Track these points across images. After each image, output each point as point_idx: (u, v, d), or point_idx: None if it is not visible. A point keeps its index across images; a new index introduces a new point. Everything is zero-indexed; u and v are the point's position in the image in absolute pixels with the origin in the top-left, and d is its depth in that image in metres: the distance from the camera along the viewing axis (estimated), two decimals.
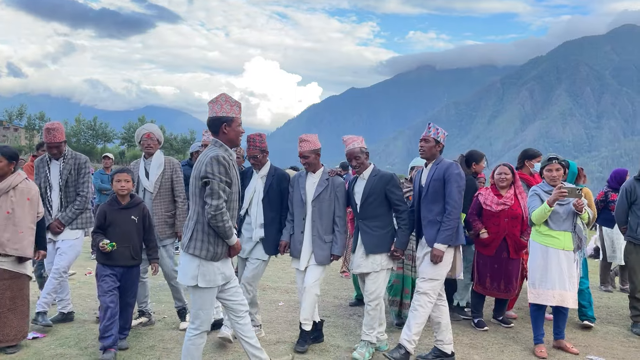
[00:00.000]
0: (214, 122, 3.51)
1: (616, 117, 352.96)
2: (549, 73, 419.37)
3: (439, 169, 4.25)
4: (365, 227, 4.41)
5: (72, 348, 4.37)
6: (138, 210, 4.44)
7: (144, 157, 5.08)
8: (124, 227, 4.35)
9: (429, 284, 4.19)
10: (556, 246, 4.59)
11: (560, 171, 4.70)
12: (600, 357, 4.61)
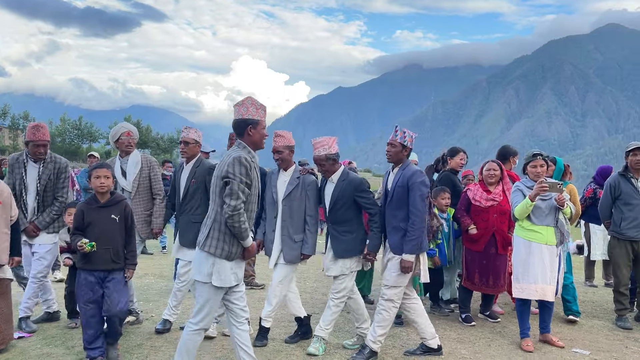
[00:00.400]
0: (239, 124, 3.55)
1: (600, 115, 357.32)
2: (534, 72, 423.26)
3: (404, 175, 4.23)
4: (334, 231, 4.43)
5: (59, 347, 4.33)
6: (119, 209, 4.07)
7: (120, 156, 4.99)
8: (104, 227, 3.99)
9: (392, 291, 4.24)
10: (539, 241, 4.64)
11: (544, 167, 4.74)
12: (585, 350, 4.68)
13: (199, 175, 4.78)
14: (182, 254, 4.83)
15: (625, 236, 5.53)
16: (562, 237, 4.68)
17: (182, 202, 4.83)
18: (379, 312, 4.29)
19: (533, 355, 4.53)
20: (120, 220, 4.06)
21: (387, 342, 4.66)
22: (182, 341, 3.55)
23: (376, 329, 4.27)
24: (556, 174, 5.72)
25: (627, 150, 5.64)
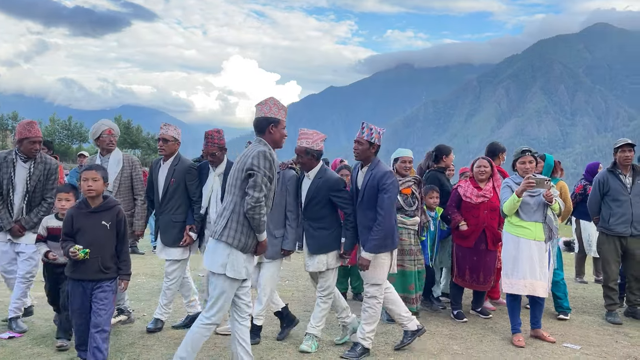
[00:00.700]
0: (261, 122, 3.63)
1: (589, 114, 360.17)
2: (524, 71, 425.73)
3: (374, 175, 4.24)
4: (309, 227, 4.42)
5: (49, 347, 4.30)
6: (111, 215, 3.76)
7: (101, 154, 4.91)
8: (93, 233, 3.69)
9: (374, 288, 4.32)
10: (527, 236, 4.68)
11: (533, 163, 4.79)
12: (576, 345, 4.73)
13: (179, 173, 4.73)
14: (166, 254, 4.78)
15: (614, 232, 5.59)
16: (551, 233, 4.71)
17: (162, 202, 4.78)
18: (364, 309, 4.34)
19: (524, 351, 4.56)
20: (112, 227, 3.75)
21: (379, 339, 4.69)
22: (189, 334, 3.56)
23: (364, 326, 4.32)
24: (545, 170, 5.77)
25: (616, 147, 5.71)
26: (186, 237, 4.70)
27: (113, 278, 3.79)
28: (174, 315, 5.20)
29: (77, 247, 3.59)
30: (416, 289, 5.25)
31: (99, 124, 4.92)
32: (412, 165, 5.39)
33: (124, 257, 3.85)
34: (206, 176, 4.75)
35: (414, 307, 5.24)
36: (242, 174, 3.51)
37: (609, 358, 4.46)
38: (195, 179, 4.77)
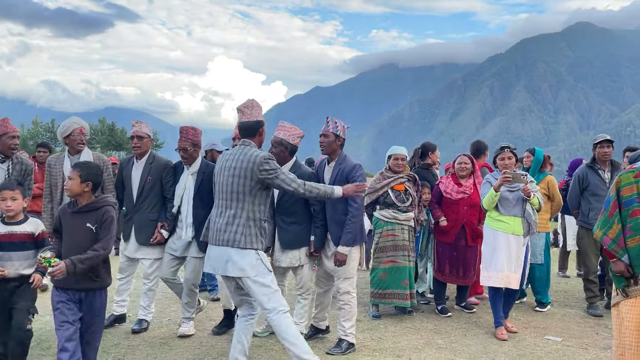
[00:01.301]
0: (252, 126, 3.69)
1: (572, 112, 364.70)
2: (508, 70, 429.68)
3: (342, 170, 4.30)
4: (281, 222, 4.43)
5: (34, 349, 4.23)
6: (96, 216, 3.35)
7: (69, 153, 4.76)
8: (76, 236, 3.32)
9: (347, 283, 4.35)
10: (506, 230, 4.79)
11: (512, 159, 4.90)
12: (558, 337, 4.82)
13: (155, 171, 4.68)
14: (144, 253, 4.73)
15: (593, 226, 5.81)
16: (530, 227, 4.81)
17: (137, 200, 4.72)
18: (340, 307, 4.36)
19: (507, 344, 4.64)
20: (97, 230, 3.34)
21: (364, 335, 4.75)
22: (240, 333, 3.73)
23: (344, 323, 4.34)
24: (534, 164, 5.85)
25: (595, 142, 5.82)
26: (157, 235, 4.64)
27: (102, 288, 3.43)
28: (160, 315, 5.21)
29: (43, 255, 3.19)
30: (410, 285, 5.32)
31: (70, 122, 4.77)
32: (405, 162, 5.52)
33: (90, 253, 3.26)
34: (179, 175, 4.72)
35: (408, 303, 5.29)
36: (251, 181, 3.54)
37: (589, 349, 4.54)
38: (171, 177, 4.73)
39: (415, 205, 5.43)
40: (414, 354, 4.34)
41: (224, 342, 4.52)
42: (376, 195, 5.37)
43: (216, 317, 5.08)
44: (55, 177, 4.71)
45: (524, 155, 6.28)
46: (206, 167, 4.64)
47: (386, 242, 5.28)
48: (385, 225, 5.28)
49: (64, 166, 4.68)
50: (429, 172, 6.11)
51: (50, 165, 4.78)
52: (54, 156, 4.85)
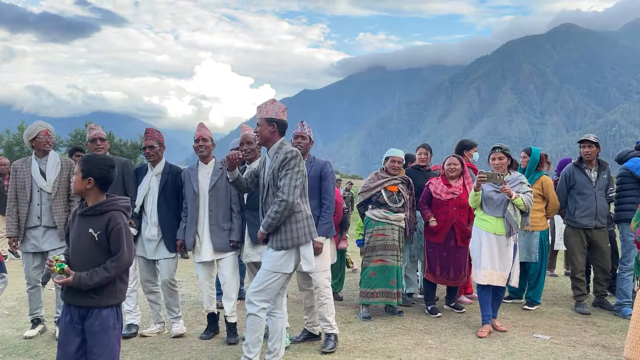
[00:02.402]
0: (285, 125, 3.88)
1: (558, 112, 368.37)
2: (495, 72, 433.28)
3: (315, 167, 4.54)
4: (251, 217, 4.48)
5: (22, 356, 4.23)
6: (100, 222, 2.83)
7: (36, 155, 4.82)
8: (79, 243, 2.86)
9: (324, 276, 4.49)
10: (488, 230, 4.90)
11: (504, 160, 4.95)
12: (546, 335, 4.86)
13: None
14: None
15: (579, 224, 5.74)
16: (510, 228, 4.86)
17: None
18: (322, 303, 4.44)
19: (496, 342, 4.67)
20: (100, 238, 2.83)
21: (355, 337, 4.78)
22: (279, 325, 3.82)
23: (328, 318, 4.44)
24: (531, 164, 5.90)
25: (578, 142, 5.93)
26: None
27: (108, 306, 2.86)
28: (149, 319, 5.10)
29: (55, 256, 2.78)
30: (398, 284, 5.38)
31: (36, 125, 4.86)
32: (402, 165, 5.60)
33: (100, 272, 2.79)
34: (142, 177, 4.82)
35: (395, 302, 5.38)
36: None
37: (577, 347, 4.58)
38: (132, 174, 4.85)
39: (408, 208, 5.52)
40: (404, 354, 4.36)
41: (214, 346, 4.51)
42: (369, 195, 5.45)
43: (206, 322, 4.99)
44: (22, 180, 4.76)
45: (521, 155, 6.31)
46: (170, 169, 4.78)
47: (376, 242, 5.35)
48: (376, 225, 5.37)
49: (31, 169, 4.75)
50: (419, 173, 6.15)
51: (16, 169, 4.83)
52: (20, 160, 4.94)
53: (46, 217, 4.69)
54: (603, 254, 5.77)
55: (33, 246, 4.70)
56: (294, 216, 3.69)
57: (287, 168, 3.65)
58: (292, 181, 3.63)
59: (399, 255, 5.41)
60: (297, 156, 3.68)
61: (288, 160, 3.66)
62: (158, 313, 4.89)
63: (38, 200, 4.70)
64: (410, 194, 5.57)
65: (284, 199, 3.60)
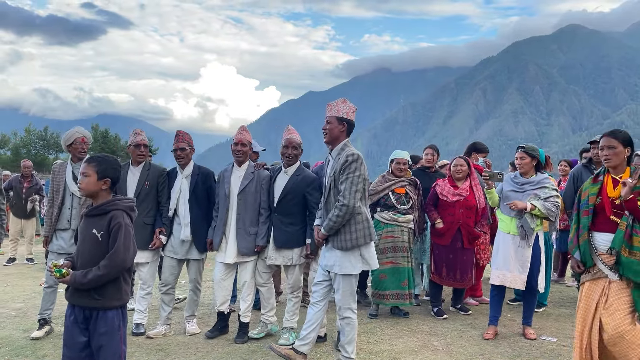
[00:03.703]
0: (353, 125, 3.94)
1: (564, 113, 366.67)
2: (500, 73, 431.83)
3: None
4: (278, 222, 4.54)
5: (29, 357, 4.27)
6: (103, 222, 2.82)
7: (72, 161, 4.94)
8: (84, 244, 2.85)
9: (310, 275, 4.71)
10: (503, 229, 4.88)
11: (526, 159, 4.85)
12: (553, 338, 4.85)
13: (152, 177, 4.90)
14: (139, 257, 4.77)
15: None
16: (525, 233, 4.74)
17: None
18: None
19: (503, 344, 4.66)
20: (103, 238, 2.80)
21: (361, 338, 4.76)
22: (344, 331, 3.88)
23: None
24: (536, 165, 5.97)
25: (589, 142, 5.92)
26: (156, 241, 4.82)
27: (112, 308, 2.82)
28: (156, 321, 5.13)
29: (54, 262, 2.77)
30: (409, 285, 5.41)
31: (73, 131, 4.97)
32: (407, 167, 5.64)
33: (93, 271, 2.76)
34: (173, 180, 4.90)
35: (407, 303, 5.40)
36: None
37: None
38: (166, 183, 4.93)
39: (416, 209, 5.55)
40: (410, 356, 4.36)
41: (220, 348, 4.52)
42: (377, 197, 5.48)
43: (211, 322, 5.08)
44: (57, 183, 4.88)
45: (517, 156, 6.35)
46: (199, 170, 4.88)
47: (386, 244, 5.38)
48: (385, 227, 5.40)
49: (66, 173, 4.86)
50: (425, 174, 6.17)
51: (54, 173, 4.94)
52: (58, 163, 5.04)
53: (75, 221, 4.76)
54: None
55: (59, 247, 4.78)
56: (354, 218, 3.71)
57: (348, 172, 3.67)
58: (353, 185, 3.64)
59: (409, 256, 5.45)
60: (359, 159, 3.70)
61: (349, 164, 3.68)
62: (168, 315, 4.92)
63: (69, 204, 4.78)
64: (418, 195, 5.61)
65: (344, 203, 3.65)
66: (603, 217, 3.47)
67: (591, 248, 3.46)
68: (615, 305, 3.34)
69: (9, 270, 8.68)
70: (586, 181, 3.70)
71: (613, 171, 3.52)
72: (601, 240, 3.46)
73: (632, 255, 3.29)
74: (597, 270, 3.46)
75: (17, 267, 9.01)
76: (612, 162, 3.49)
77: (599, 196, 3.49)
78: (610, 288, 3.39)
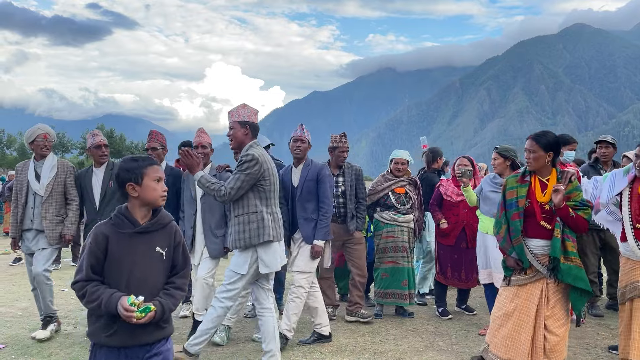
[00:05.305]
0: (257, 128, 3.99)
1: (570, 113, 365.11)
2: (505, 72, 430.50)
3: (312, 170, 4.57)
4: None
5: (35, 357, 4.27)
6: (165, 237, 2.41)
7: (35, 158, 4.83)
8: (143, 267, 2.31)
9: (302, 276, 4.48)
10: (482, 229, 4.93)
11: (499, 160, 4.89)
12: None
13: None
14: None
15: (592, 225, 5.45)
16: None
17: (100, 206, 4.80)
18: (291, 300, 4.47)
19: None
20: (167, 256, 2.39)
21: (365, 339, 4.76)
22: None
23: (291, 317, 4.44)
24: None
25: (595, 142, 5.91)
26: None
27: (170, 334, 2.44)
28: None
29: (133, 299, 2.19)
30: (409, 285, 5.40)
31: (35, 128, 4.86)
32: (407, 166, 5.61)
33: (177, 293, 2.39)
34: None
35: (407, 303, 5.39)
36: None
37: (590, 349, 4.54)
38: None
39: (416, 209, 5.55)
40: (415, 356, 4.35)
41: (224, 347, 4.51)
42: (376, 197, 5.50)
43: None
44: (20, 182, 4.79)
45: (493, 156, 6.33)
46: (170, 171, 4.83)
47: (387, 244, 5.40)
48: (385, 227, 5.41)
49: (29, 172, 4.77)
50: (436, 177, 6.19)
51: (17, 171, 4.86)
52: (22, 162, 4.95)
53: (37, 220, 4.68)
54: (616, 256, 5.50)
55: (27, 248, 4.74)
56: (248, 217, 3.75)
57: (239, 169, 3.77)
58: (237, 182, 3.72)
59: (410, 256, 5.45)
60: (252, 160, 3.73)
61: (242, 163, 3.76)
62: None
63: (32, 203, 4.70)
64: (418, 195, 5.60)
65: (222, 190, 3.76)
66: (534, 222, 3.49)
67: (527, 251, 3.47)
68: (558, 307, 3.46)
69: (15, 270, 8.74)
70: (510, 179, 3.68)
71: (539, 173, 3.55)
72: (535, 245, 3.49)
73: (568, 260, 3.38)
74: (534, 273, 3.48)
75: (22, 267, 9.02)
76: (531, 166, 3.54)
77: (528, 199, 3.49)
78: (549, 289, 3.45)
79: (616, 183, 3.73)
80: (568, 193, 3.38)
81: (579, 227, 3.41)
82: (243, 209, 3.78)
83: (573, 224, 3.37)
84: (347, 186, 5.17)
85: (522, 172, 3.64)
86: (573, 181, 3.48)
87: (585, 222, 3.39)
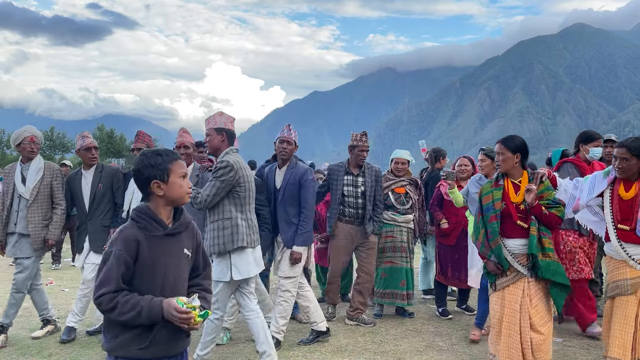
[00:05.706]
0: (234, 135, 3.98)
1: (570, 113, 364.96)
2: (506, 72, 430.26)
3: (295, 173, 4.48)
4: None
5: (35, 357, 4.27)
6: (190, 237, 2.29)
7: (21, 161, 4.78)
8: (175, 270, 2.19)
9: (288, 281, 4.46)
10: (469, 230, 5.00)
11: (486, 161, 4.94)
12: (559, 338, 4.79)
13: (105, 179, 4.83)
14: (91, 259, 4.72)
15: None
16: None
17: (90, 209, 4.79)
18: (279, 303, 4.45)
19: None
20: (192, 256, 2.30)
21: (366, 339, 4.77)
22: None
23: (278, 319, 4.42)
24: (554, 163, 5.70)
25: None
26: None
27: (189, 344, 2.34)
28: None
29: (185, 301, 2.04)
30: (407, 285, 5.39)
31: (21, 131, 4.81)
32: (408, 166, 5.59)
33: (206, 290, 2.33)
34: (129, 181, 4.84)
35: (405, 304, 5.38)
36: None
37: (591, 350, 4.53)
38: (121, 183, 4.90)
39: (416, 209, 5.54)
40: (415, 356, 4.35)
41: (225, 347, 4.53)
42: None
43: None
44: (7, 185, 4.75)
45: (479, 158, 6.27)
46: None
47: (385, 244, 5.40)
48: (385, 227, 5.39)
49: (15, 175, 4.72)
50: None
51: (6, 174, 4.83)
52: (10, 165, 4.90)
53: (21, 224, 4.62)
54: None
55: (11, 252, 4.70)
56: (222, 223, 3.75)
57: (214, 175, 3.77)
58: (212, 189, 3.72)
59: (408, 256, 5.43)
60: (227, 166, 3.73)
61: (217, 169, 3.78)
62: None
63: (17, 206, 4.65)
64: (419, 195, 5.60)
65: (198, 197, 3.78)
66: (511, 223, 3.58)
67: (505, 252, 3.57)
68: (541, 305, 3.55)
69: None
70: (486, 185, 3.81)
71: (511, 176, 3.68)
72: (514, 245, 3.58)
73: (546, 256, 3.49)
74: (515, 273, 3.57)
75: None
76: (501, 168, 3.69)
77: (503, 201, 3.61)
78: (530, 288, 3.53)
79: (596, 185, 3.81)
80: (540, 193, 3.54)
81: (552, 224, 3.58)
82: (218, 215, 3.77)
83: (547, 221, 3.52)
84: (368, 187, 5.11)
85: (495, 177, 3.77)
86: (544, 181, 3.64)
87: (558, 219, 3.53)
